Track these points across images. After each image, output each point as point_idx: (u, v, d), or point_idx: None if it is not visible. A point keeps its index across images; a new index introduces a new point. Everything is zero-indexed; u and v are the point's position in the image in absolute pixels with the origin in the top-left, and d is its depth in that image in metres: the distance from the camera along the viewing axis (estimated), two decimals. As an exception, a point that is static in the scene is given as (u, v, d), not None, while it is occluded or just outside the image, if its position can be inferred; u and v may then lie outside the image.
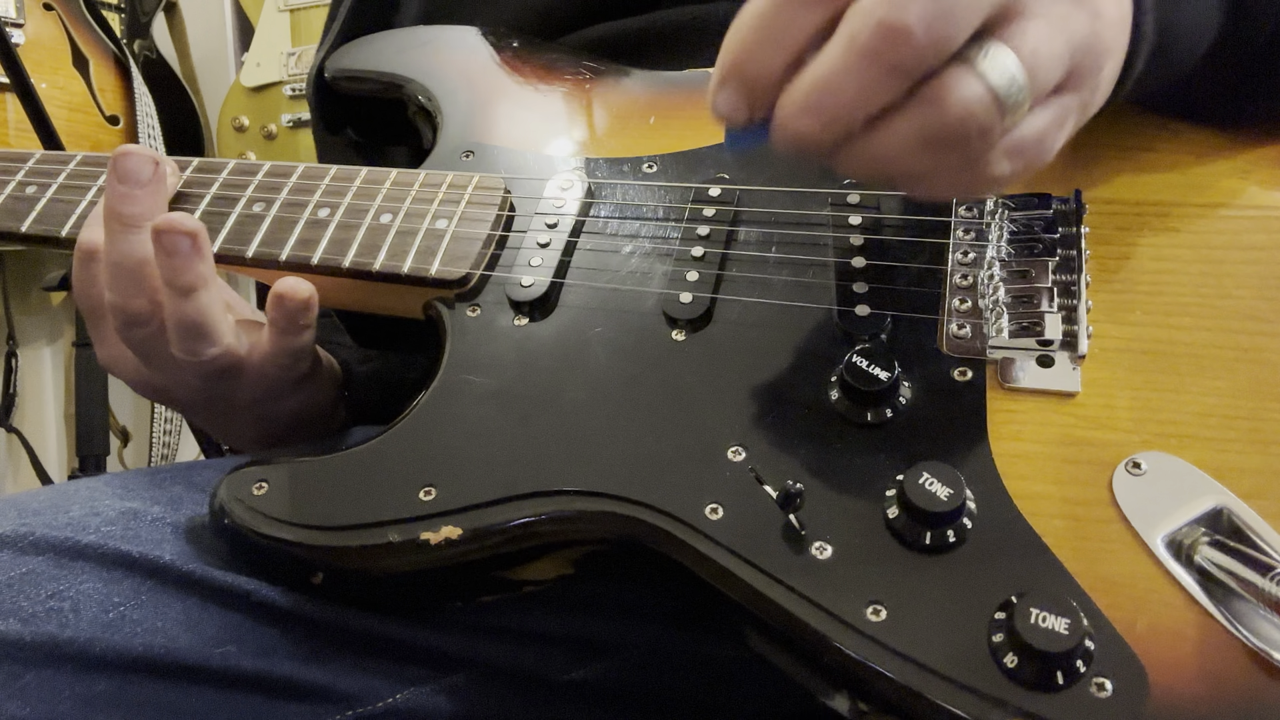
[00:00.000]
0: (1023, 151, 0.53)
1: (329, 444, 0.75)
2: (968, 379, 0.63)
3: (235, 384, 0.75)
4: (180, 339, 0.71)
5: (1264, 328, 0.62)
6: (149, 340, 0.73)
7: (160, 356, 0.73)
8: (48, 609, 0.60)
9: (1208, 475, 0.57)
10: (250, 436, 0.86)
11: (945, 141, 0.50)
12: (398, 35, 0.95)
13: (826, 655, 0.55)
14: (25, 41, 2.20)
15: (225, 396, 0.77)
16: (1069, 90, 0.53)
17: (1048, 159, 0.54)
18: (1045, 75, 0.50)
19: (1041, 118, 0.52)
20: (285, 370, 0.76)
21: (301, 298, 0.71)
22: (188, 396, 0.78)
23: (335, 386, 0.88)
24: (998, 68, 0.49)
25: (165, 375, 0.76)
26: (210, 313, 0.71)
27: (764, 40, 0.51)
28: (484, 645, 0.73)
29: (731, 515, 0.59)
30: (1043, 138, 0.53)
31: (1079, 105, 0.54)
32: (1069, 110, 0.54)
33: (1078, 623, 0.51)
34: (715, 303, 0.69)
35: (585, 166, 0.79)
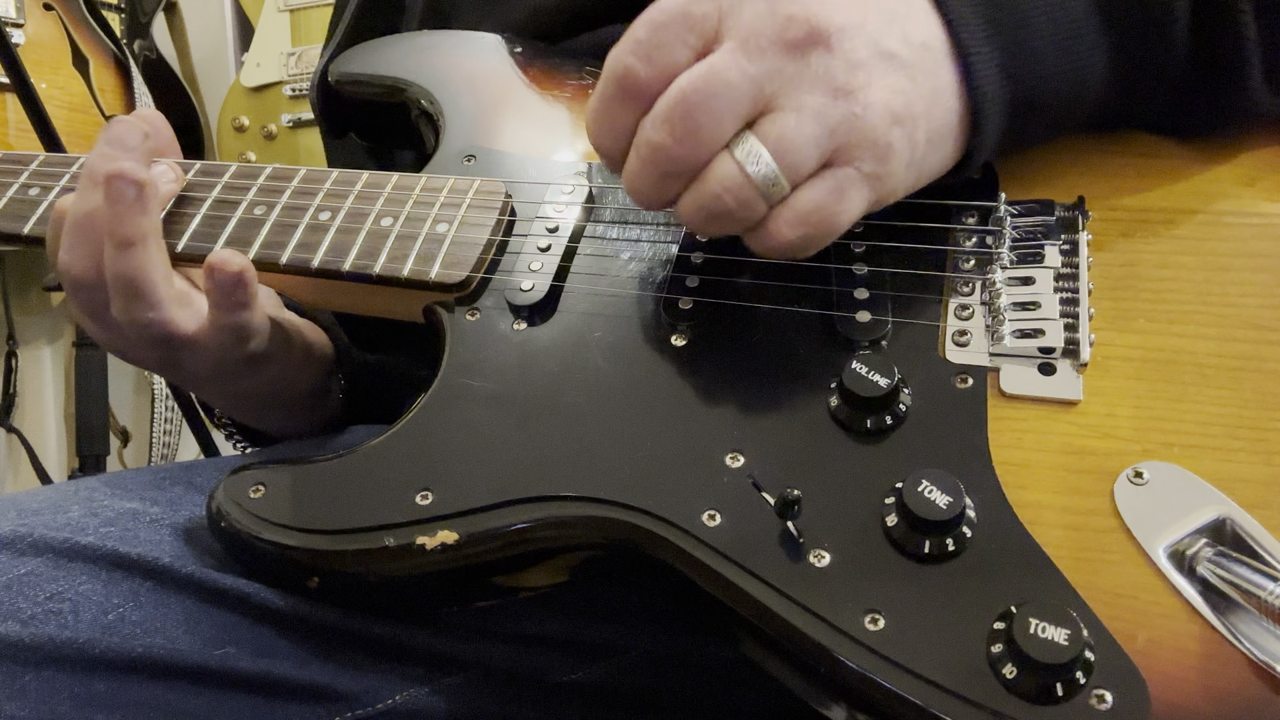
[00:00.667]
0: (805, 219, 0.60)
1: (328, 447, 0.74)
2: (968, 386, 0.62)
3: (183, 356, 0.74)
4: (116, 296, 0.70)
5: (1268, 336, 0.61)
6: (96, 305, 0.72)
7: (106, 322, 0.73)
8: (47, 610, 0.60)
9: (1211, 485, 0.57)
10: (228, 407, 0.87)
11: (716, 213, 0.60)
12: (401, 40, 0.95)
13: (823, 665, 0.54)
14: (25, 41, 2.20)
15: (179, 367, 0.76)
16: (840, 165, 0.59)
17: (839, 223, 0.61)
18: (794, 157, 0.58)
19: (815, 190, 0.60)
20: (228, 349, 0.74)
21: (232, 270, 0.70)
22: (147, 365, 0.78)
23: (320, 369, 0.88)
24: (747, 154, 0.59)
25: (117, 341, 0.75)
26: (147, 272, 0.70)
27: (602, 130, 0.64)
28: (483, 647, 0.73)
29: (729, 522, 0.59)
30: (820, 207, 0.60)
31: (861, 176, 0.60)
32: (846, 181, 0.60)
33: (1077, 634, 0.50)
34: (715, 308, 0.68)
35: (586, 172, 0.79)
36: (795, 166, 0.58)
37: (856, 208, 0.61)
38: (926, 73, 0.61)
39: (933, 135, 0.62)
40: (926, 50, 0.61)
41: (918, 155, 0.62)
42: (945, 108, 0.62)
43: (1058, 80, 0.64)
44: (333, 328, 0.92)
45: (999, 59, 0.62)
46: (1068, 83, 0.65)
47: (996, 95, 0.62)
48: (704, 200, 0.60)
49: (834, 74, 0.58)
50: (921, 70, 0.60)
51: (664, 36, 0.60)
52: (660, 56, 0.60)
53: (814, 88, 0.58)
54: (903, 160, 0.61)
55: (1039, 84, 0.64)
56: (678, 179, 0.61)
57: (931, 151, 0.63)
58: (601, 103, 0.62)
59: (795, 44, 0.58)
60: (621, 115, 0.62)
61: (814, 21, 0.58)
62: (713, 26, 0.59)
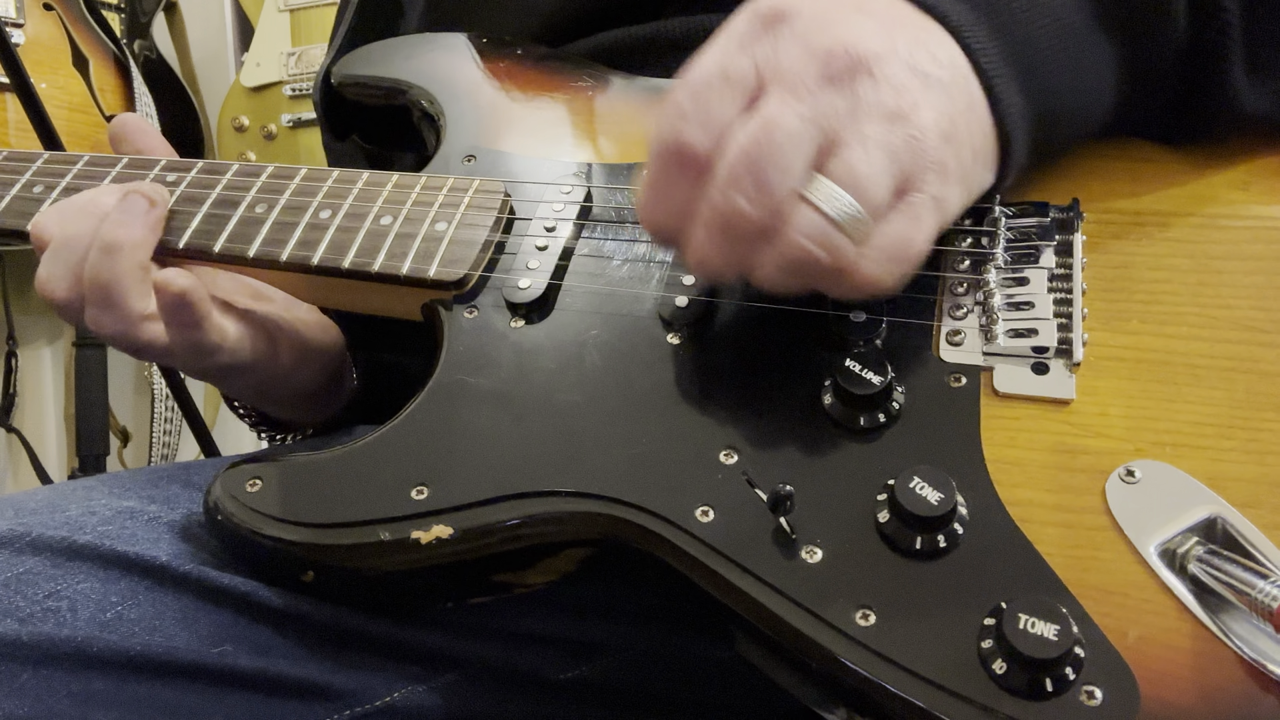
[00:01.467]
0: (894, 254, 0.58)
1: (325, 442, 0.75)
2: (962, 385, 0.63)
3: (159, 359, 0.76)
4: (90, 305, 0.73)
5: (1261, 338, 0.62)
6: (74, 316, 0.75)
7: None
8: (45, 608, 0.60)
9: (1202, 484, 0.57)
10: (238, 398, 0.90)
11: (801, 267, 0.58)
12: (402, 42, 0.95)
13: (814, 660, 0.55)
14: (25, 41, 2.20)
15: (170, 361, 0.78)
16: (912, 191, 0.58)
17: (920, 253, 0.59)
18: (872, 190, 0.56)
19: (896, 223, 0.58)
20: (194, 361, 0.76)
21: (173, 290, 0.71)
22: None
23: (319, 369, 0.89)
24: (825, 197, 0.56)
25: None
26: (121, 280, 0.72)
27: (661, 210, 0.61)
28: (479, 645, 0.73)
29: (722, 518, 0.59)
30: (904, 238, 0.58)
31: (931, 200, 0.58)
32: (920, 207, 0.58)
33: (1067, 629, 0.51)
34: (711, 306, 0.69)
35: (585, 172, 0.79)
36: (875, 199, 0.57)
37: (930, 233, 0.59)
38: (960, 90, 0.60)
39: (976, 151, 0.61)
40: (955, 69, 0.60)
41: (966, 172, 0.61)
42: (981, 121, 0.61)
43: (1069, 95, 0.65)
44: None
45: (1017, 80, 0.62)
46: (1079, 95, 0.65)
47: (1020, 115, 0.63)
48: (791, 254, 0.58)
49: (884, 100, 0.57)
50: (955, 87, 0.60)
51: (709, 100, 0.58)
52: (711, 121, 0.58)
53: (870, 117, 0.57)
54: (956, 178, 0.60)
55: (1053, 101, 0.64)
56: (753, 243, 0.59)
57: (977, 167, 0.62)
58: (657, 181, 0.60)
59: (840, 76, 0.57)
60: (681, 189, 0.59)
61: (852, 51, 0.57)
62: (753, 80, 0.58)
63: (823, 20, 0.59)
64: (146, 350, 0.75)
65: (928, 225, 0.59)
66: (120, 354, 2.48)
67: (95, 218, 0.75)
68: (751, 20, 0.60)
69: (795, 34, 0.58)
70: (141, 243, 0.74)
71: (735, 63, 0.59)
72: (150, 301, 0.73)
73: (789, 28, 0.59)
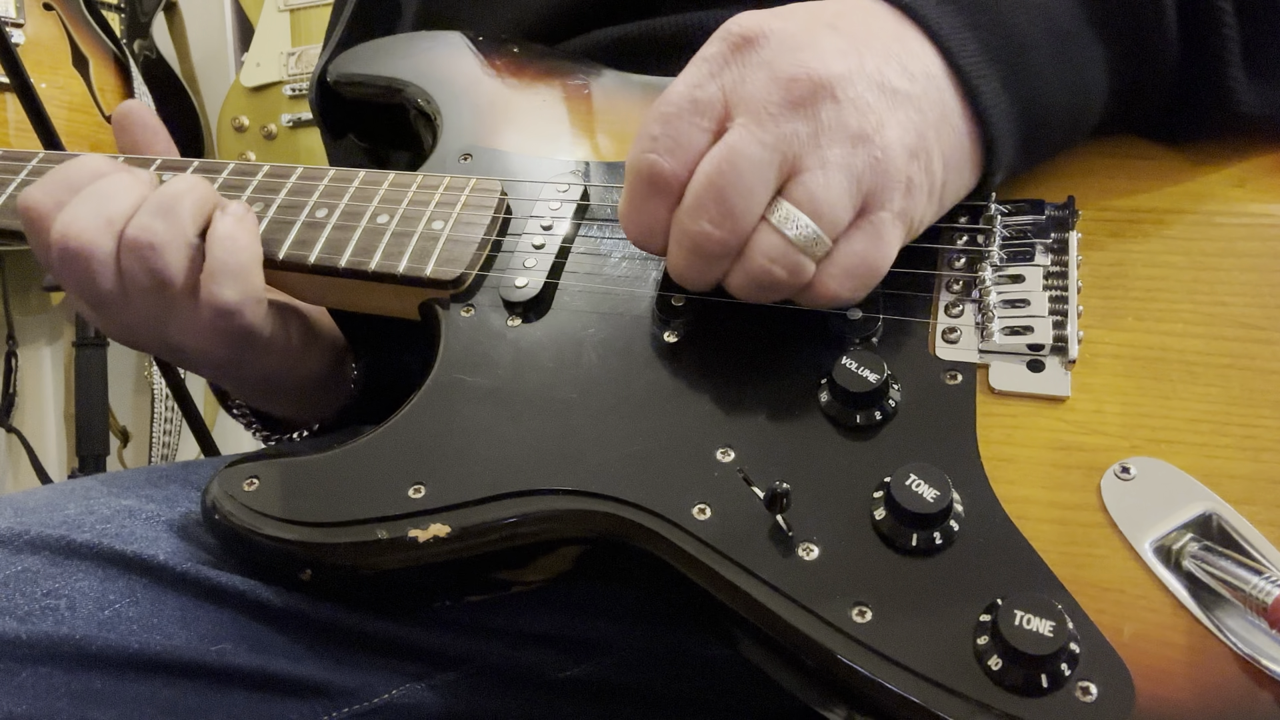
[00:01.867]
0: (852, 272, 0.61)
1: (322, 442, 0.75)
2: (957, 382, 0.63)
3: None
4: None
5: (1256, 335, 0.62)
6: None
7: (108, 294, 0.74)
8: (43, 606, 0.60)
9: (1197, 481, 0.57)
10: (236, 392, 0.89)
11: (767, 284, 0.62)
12: (398, 41, 0.95)
13: (810, 657, 0.55)
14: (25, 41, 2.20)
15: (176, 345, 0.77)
16: (873, 209, 0.60)
17: (882, 268, 0.62)
18: (830, 212, 0.59)
19: (856, 241, 0.61)
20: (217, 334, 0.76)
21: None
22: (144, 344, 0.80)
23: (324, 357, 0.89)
24: (784, 219, 0.59)
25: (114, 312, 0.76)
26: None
27: (639, 229, 0.64)
28: (477, 644, 0.73)
29: (718, 515, 0.60)
30: (864, 256, 0.61)
31: (893, 217, 0.61)
32: (882, 225, 0.61)
33: (1062, 625, 0.51)
34: (708, 305, 0.69)
35: (582, 170, 0.79)
36: (833, 221, 0.59)
37: (894, 248, 0.62)
38: (932, 102, 0.62)
39: (948, 161, 0.63)
40: (929, 79, 0.62)
41: (936, 184, 0.63)
42: (955, 131, 0.63)
43: (1060, 94, 0.65)
44: None
45: (1001, 79, 0.63)
46: (1070, 94, 0.66)
47: (1005, 114, 0.63)
48: (754, 274, 0.61)
49: (847, 122, 0.59)
50: (926, 100, 0.61)
51: (678, 127, 0.61)
52: (679, 147, 0.61)
53: (832, 140, 0.59)
54: (924, 191, 0.62)
55: (1042, 99, 0.65)
56: (722, 260, 0.62)
57: (950, 177, 0.64)
58: (633, 202, 0.64)
59: (802, 102, 0.59)
60: (654, 210, 0.63)
61: (815, 76, 0.59)
62: (720, 107, 0.61)
63: (790, 44, 0.60)
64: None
65: (890, 241, 0.61)
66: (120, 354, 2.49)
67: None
68: (722, 45, 0.62)
69: (762, 60, 0.60)
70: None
71: (704, 89, 0.61)
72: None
73: (756, 54, 0.61)
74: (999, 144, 0.64)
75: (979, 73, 0.62)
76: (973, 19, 0.63)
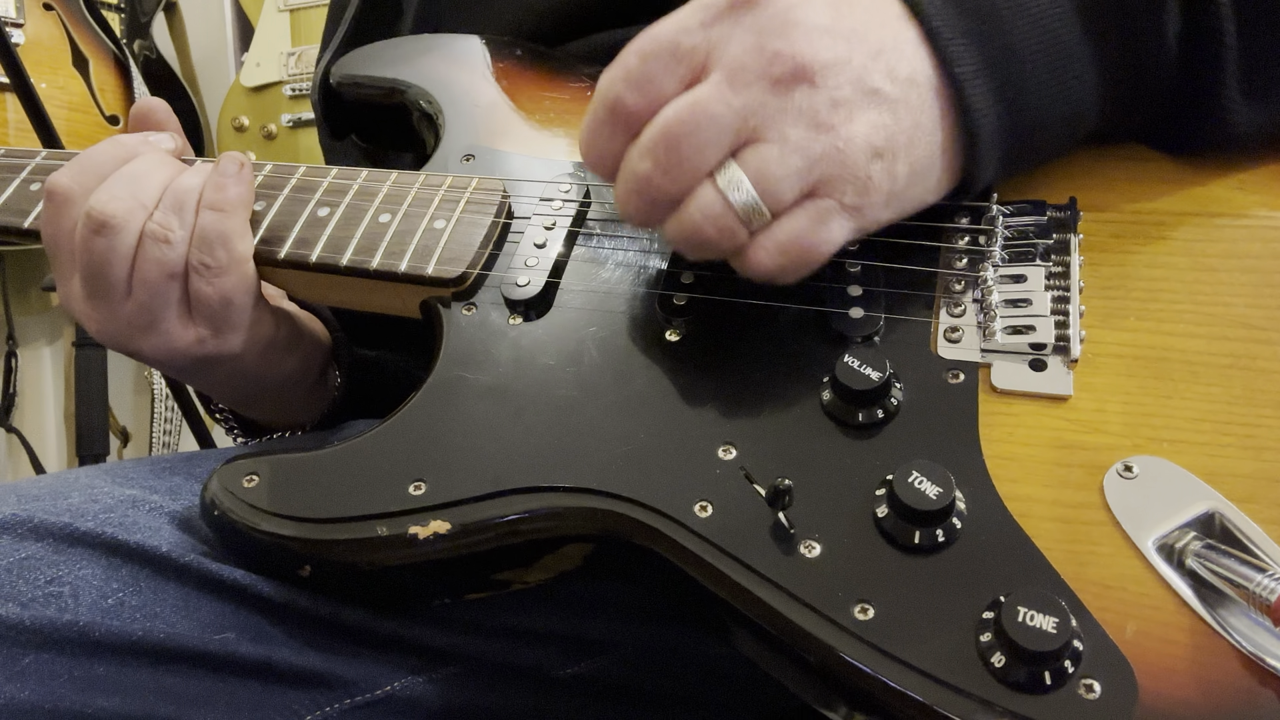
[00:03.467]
0: (784, 248, 0.61)
1: (322, 438, 0.75)
2: (960, 381, 0.63)
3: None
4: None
5: (1258, 335, 0.62)
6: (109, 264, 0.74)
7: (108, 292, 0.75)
8: (46, 594, 0.61)
9: (1200, 480, 0.57)
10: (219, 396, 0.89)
11: (697, 240, 0.62)
12: (401, 43, 0.95)
13: (813, 655, 0.55)
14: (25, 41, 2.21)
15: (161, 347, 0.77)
16: (821, 196, 0.61)
17: (819, 253, 0.62)
18: (776, 187, 0.60)
19: (796, 220, 0.61)
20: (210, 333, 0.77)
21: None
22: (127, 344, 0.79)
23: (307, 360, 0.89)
24: (729, 182, 0.60)
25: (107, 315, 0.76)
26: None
27: (592, 152, 0.65)
28: (477, 642, 0.73)
29: (720, 513, 0.60)
30: (800, 237, 0.61)
31: (840, 208, 0.61)
32: (827, 212, 0.61)
33: (1065, 623, 0.51)
34: (710, 304, 0.69)
35: (584, 171, 0.79)
36: (776, 196, 0.60)
37: (837, 238, 0.62)
38: (910, 108, 0.61)
39: (915, 167, 0.63)
40: (912, 85, 0.62)
41: (898, 187, 0.63)
42: (928, 139, 0.63)
43: (1052, 107, 0.65)
44: (331, 320, 0.92)
45: (994, 89, 0.63)
46: (1062, 108, 0.65)
47: (991, 124, 0.63)
48: (686, 227, 0.62)
49: (817, 109, 0.59)
50: (904, 105, 0.61)
51: (653, 67, 0.61)
52: (649, 86, 0.61)
53: (796, 121, 0.59)
54: (882, 192, 0.62)
55: (1034, 113, 0.64)
56: (663, 205, 0.63)
57: (914, 184, 0.64)
58: (592, 125, 0.64)
59: (780, 79, 0.59)
60: (610, 140, 0.64)
61: (799, 59, 0.59)
62: (701, 58, 0.61)
63: (786, 17, 0.60)
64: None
65: (832, 230, 0.62)
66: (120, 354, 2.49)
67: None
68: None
69: (756, 24, 0.60)
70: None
71: (690, 37, 0.61)
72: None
73: (751, 16, 0.60)
74: (982, 154, 0.64)
75: (971, 82, 0.62)
76: (974, 25, 0.62)
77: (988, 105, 0.62)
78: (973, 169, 0.65)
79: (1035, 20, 0.63)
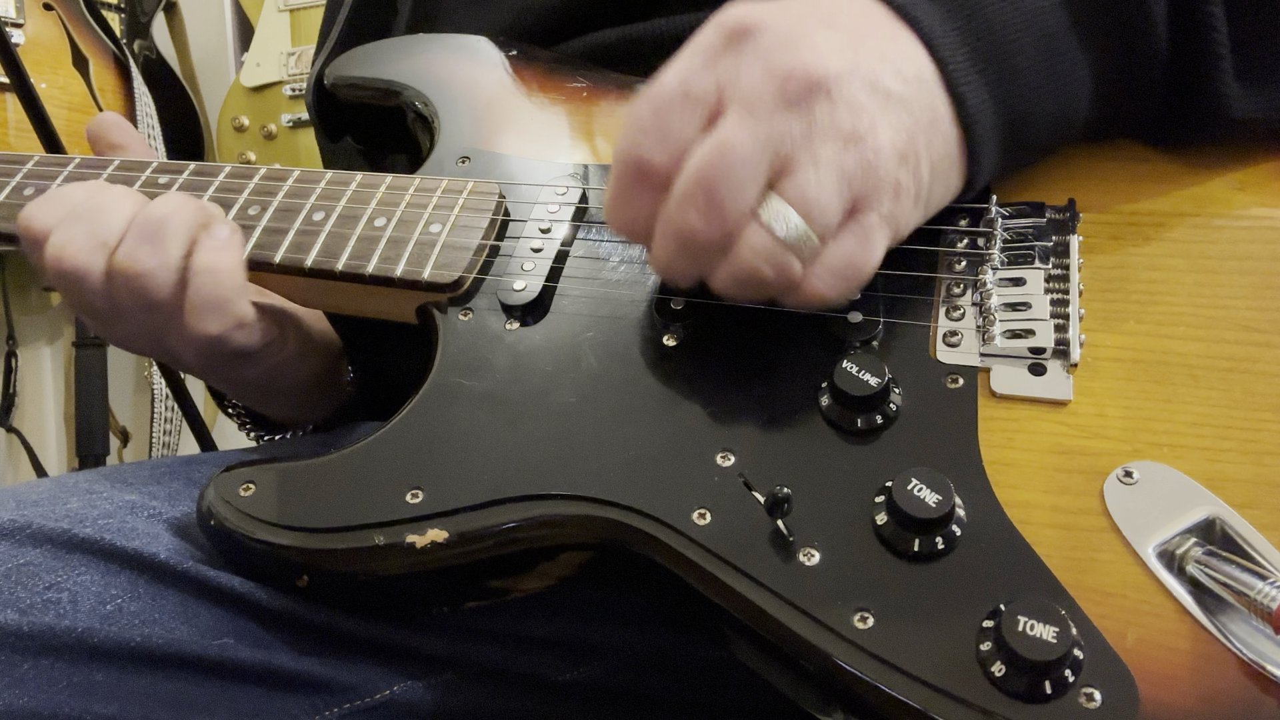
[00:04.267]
0: (840, 273, 0.60)
1: (319, 446, 0.74)
2: (959, 386, 0.62)
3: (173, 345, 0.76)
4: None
5: (1258, 338, 0.62)
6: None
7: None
8: (45, 600, 0.60)
9: (1200, 485, 0.57)
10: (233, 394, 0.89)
11: (751, 281, 0.61)
12: (396, 43, 0.95)
13: (812, 663, 0.55)
14: (25, 41, 2.20)
15: (172, 355, 0.77)
16: (862, 211, 0.60)
17: (869, 270, 0.61)
18: (822, 211, 0.58)
19: (845, 243, 0.60)
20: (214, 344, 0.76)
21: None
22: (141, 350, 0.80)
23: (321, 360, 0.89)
24: (774, 217, 0.59)
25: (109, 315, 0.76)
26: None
27: (624, 219, 0.64)
28: (476, 648, 0.73)
29: (719, 521, 0.59)
30: (852, 258, 0.60)
31: (881, 219, 0.60)
32: (871, 228, 0.60)
33: (1066, 632, 0.51)
34: (707, 309, 0.68)
35: (581, 173, 0.79)
36: (824, 221, 0.59)
37: (881, 251, 0.61)
38: (923, 106, 0.61)
39: (935, 166, 0.62)
40: (920, 83, 0.61)
41: (923, 188, 0.62)
42: (944, 137, 0.62)
43: (1046, 100, 0.65)
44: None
45: (987, 86, 0.63)
46: (1055, 101, 0.65)
47: (988, 121, 0.63)
48: (741, 272, 0.61)
49: (840, 122, 0.58)
50: (918, 104, 0.61)
51: (669, 118, 0.60)
52: (669, 138, 0.60)
53: (825, 139, 0.58)
54: (911, 196, 0.61)
55: (1028, 106, 0.64)
56: (709, 255, 0.61)
57: (936, 183, 0.63)
58: (619, 192, 0.63)
59: (797, 98, 0.58)
60: (641, 202, 0.62)
61: (811, 73, 0.58)
62: (713, 98, 0.60)
63: (787, 37, 0.60)
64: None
65: (878, 244, 0.61)
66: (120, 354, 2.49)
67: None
68: (717, 35, 0.61)
69: (758, 52, 0.59)
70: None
71: (698, 80, 0.60)
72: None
73: (752, 45, 0.60)
74: (982, 149, 0.64)
75: (965, 79, 0.62)
76: (963, 23, 0.63)
77: (983, 98, 0.63)
78: (973, 164, 0.64)
79: (1023, 13, 0.63)
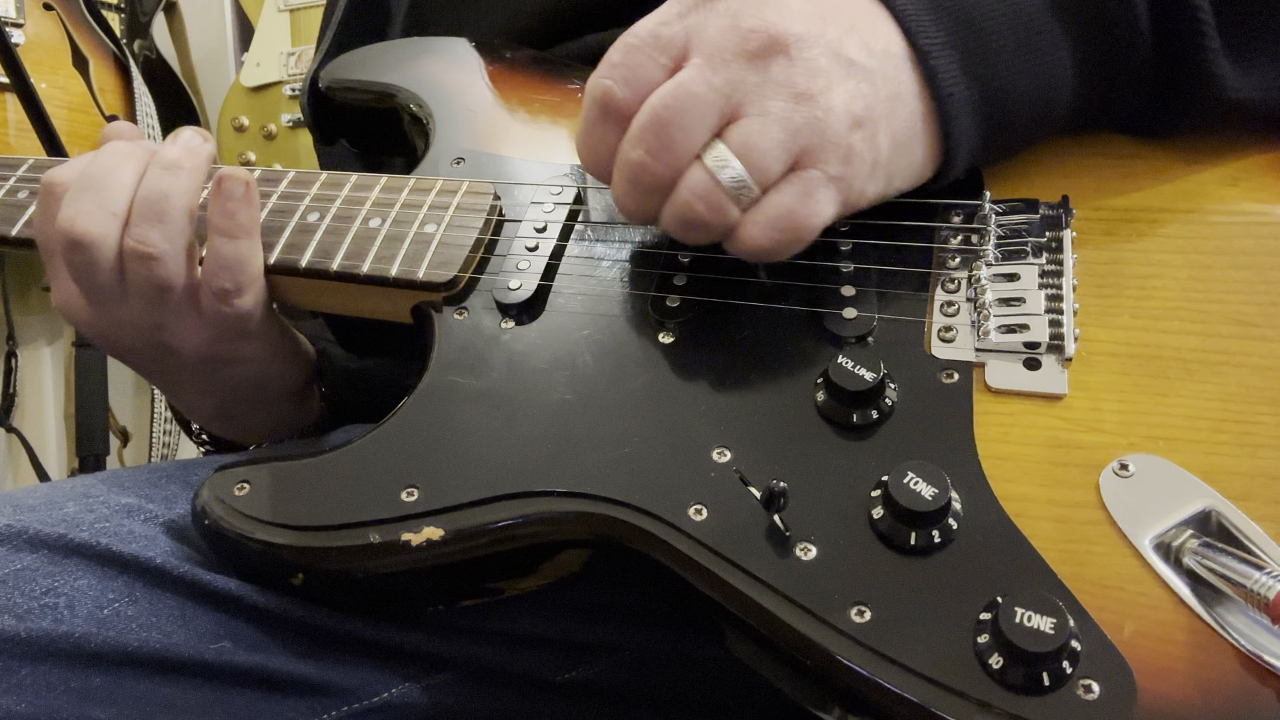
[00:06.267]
0: (775, 223, 0.62)
1: (314, 445, 0.74)
2: (954, 381, 0.63)
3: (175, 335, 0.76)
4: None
5: (1252, 332, 0.62)
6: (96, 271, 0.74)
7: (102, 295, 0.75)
8: (42, 605, 0.61)
9: (1196, 477, 0.57)
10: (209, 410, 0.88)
11: (691, 221, 0.63)
12: (391, 46, 0.95)
13: (809, 657, 0.55)
14: (25, 41, 2.20)
15: (168, 352, 0.77)
16: (805, 167, 0.62)
17: (809, 225, 0.63)
18: (761, 157, 0.61)
19: (784, 194, 0.62)
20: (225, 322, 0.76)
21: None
22: (130, 349, 0.79)
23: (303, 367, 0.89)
24: (716, 160, 0.61)
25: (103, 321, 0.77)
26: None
27: (589, 152, 0.67)
28: (473, 647, 0.73)
29: (715, 516, 0.59)
30: (790, 210, 0.62)
31: (827, 179, 0.62)
32: (813, 183, 0.62)
33: (1063, 623, 0.51)
34: (703, 306, 0.69)
35: (574, 173, 0.79)
36: (762, 169, 0.61)
37: (826, 210, 0.63)
38: (887, 78, 0.63)
39: (896, 137, 0.64)
40: (887, 57, 0.63)
41: (882, 158, 0.63)
42: (908, 110, 0.64)
43: (1023, 80, 0.65)
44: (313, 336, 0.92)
45: (959, 60, 0.64)
46: (1033, 80, 0.66)
47: (961, 95, 0.64)
48: (679, 210, 0.63)
49: (795, 80, 0.61)
50: (881, 76, 0.63)
51: (637, 58, 0.63)
52: (635, 77, 0.63)
53: (776, 94, 0.61)
54: (866, 162, 0.63)
55: (1003, 83, 0.65)
56: (658, 193, 0.64)
57: (898, 154, 0.65)
58: (586, 125, 0.66)
59: (757, 54, 0.61)
60: (605, 136, 0.65)
61: (773, 32, 0.61)
62: (681, 45, 0.63)
63: None
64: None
65: (820, 202, 0.62)
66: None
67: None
68: None
69: (729, 8, 0.62)
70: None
71: (668, 28, 0.64)
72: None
73: (725, 3, 0.62)
74: (954, 126, 0.65)
75: (937, 54, 0.64)
76: (937, 2, 0.64)
77: (956, 74, 0.64)
78: (948, 140, 0.65)
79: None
